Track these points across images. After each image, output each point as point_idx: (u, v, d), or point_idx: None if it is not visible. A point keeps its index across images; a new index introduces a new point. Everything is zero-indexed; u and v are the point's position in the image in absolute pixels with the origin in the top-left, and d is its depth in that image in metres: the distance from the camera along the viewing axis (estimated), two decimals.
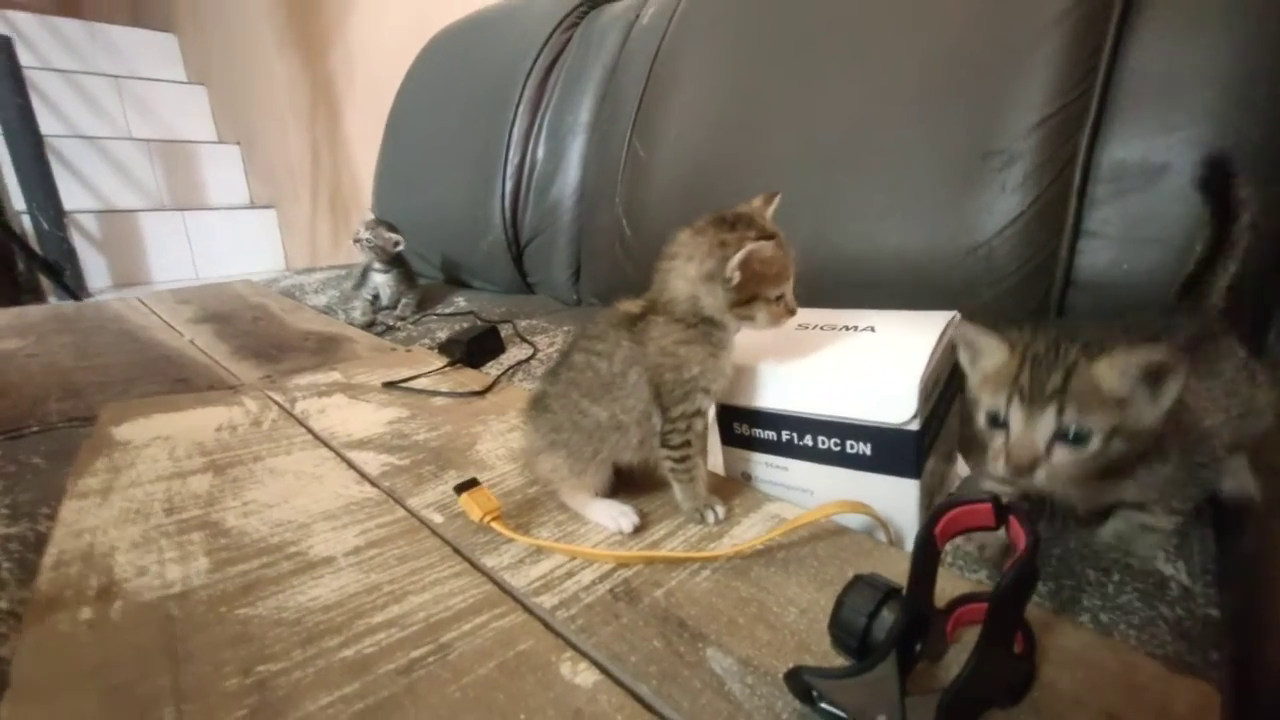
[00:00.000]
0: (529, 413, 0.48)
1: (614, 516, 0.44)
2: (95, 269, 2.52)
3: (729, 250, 0.41)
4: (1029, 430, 0.37)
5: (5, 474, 0.52)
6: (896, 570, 0.40)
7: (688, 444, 0.45)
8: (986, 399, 0.40)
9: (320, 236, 2.76)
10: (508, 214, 1.23)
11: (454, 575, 0.39)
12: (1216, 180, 0.48)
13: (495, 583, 0.39)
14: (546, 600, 0.37)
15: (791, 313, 0.45)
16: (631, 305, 0.47)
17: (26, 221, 2.25)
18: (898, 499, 0.44)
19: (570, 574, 0.39)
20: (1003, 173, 0.62)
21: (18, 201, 2.28)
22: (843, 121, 0.75)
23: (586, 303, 1.16)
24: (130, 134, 2.94)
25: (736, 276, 0.41)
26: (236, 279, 2.71)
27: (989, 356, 0.41)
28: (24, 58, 2.26)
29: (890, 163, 0.70)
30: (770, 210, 0.46)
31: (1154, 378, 0.35)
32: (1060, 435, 0.36)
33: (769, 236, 0.42)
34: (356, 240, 1.15)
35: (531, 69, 1.23)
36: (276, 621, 0.35)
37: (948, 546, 0.34)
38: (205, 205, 3.01)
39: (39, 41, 2.88)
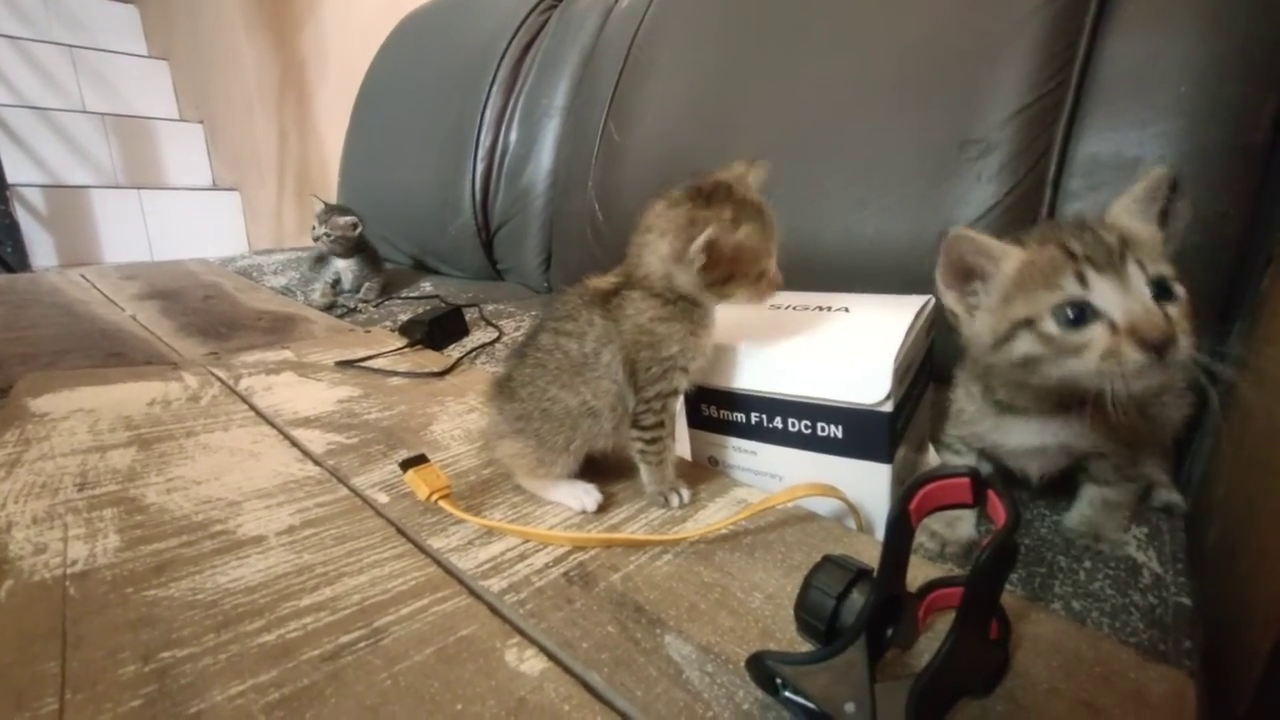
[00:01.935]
0: (492, 396, 0.45)
1: (577, 495, 0.42)
2: (41, 246, 2.39)
3: (695, 230, 0.38)
4: (1136, 295, 0.30)
5: None
6: (867, 556, 0.38)
7: (660, 425, 0.42)
8: (1030, 304, 0.33)
9: (286, 221, 2.67)
10: (478, 198, 1.19)
11: (395, 557, 0.36)
12: None
13: (440, 565, 0.36)
14: (495, 584, 0.34)
15: (777, 286, 0.42)
16: (603, 281, 0.44)
17: None
18: (869, 484, 0.43)
19: (522, 557, 0.37)
20: (979, 162, 0.62)
21: None
22: (820, 109, 0.74)
23: (558, 290, 1.13)
24: (84, 107, 2.80)
25: (701, 259, 0.38)
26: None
27: (1007, 259, 0.36)
28: None
29: (868, 151, 0.69)
30: (753, 178, 0.43)
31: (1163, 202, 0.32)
32: (1157, 292, 0.30)
33: (750, 207, 0.40)
34: (316, 239, 1.10)
35: (506, 50, 1.19)
36: (189, 604, 0.31)
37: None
38: (164, 185, 2.88)
39: None
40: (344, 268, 1.14)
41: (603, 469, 0.46)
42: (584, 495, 0.42)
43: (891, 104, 0.68)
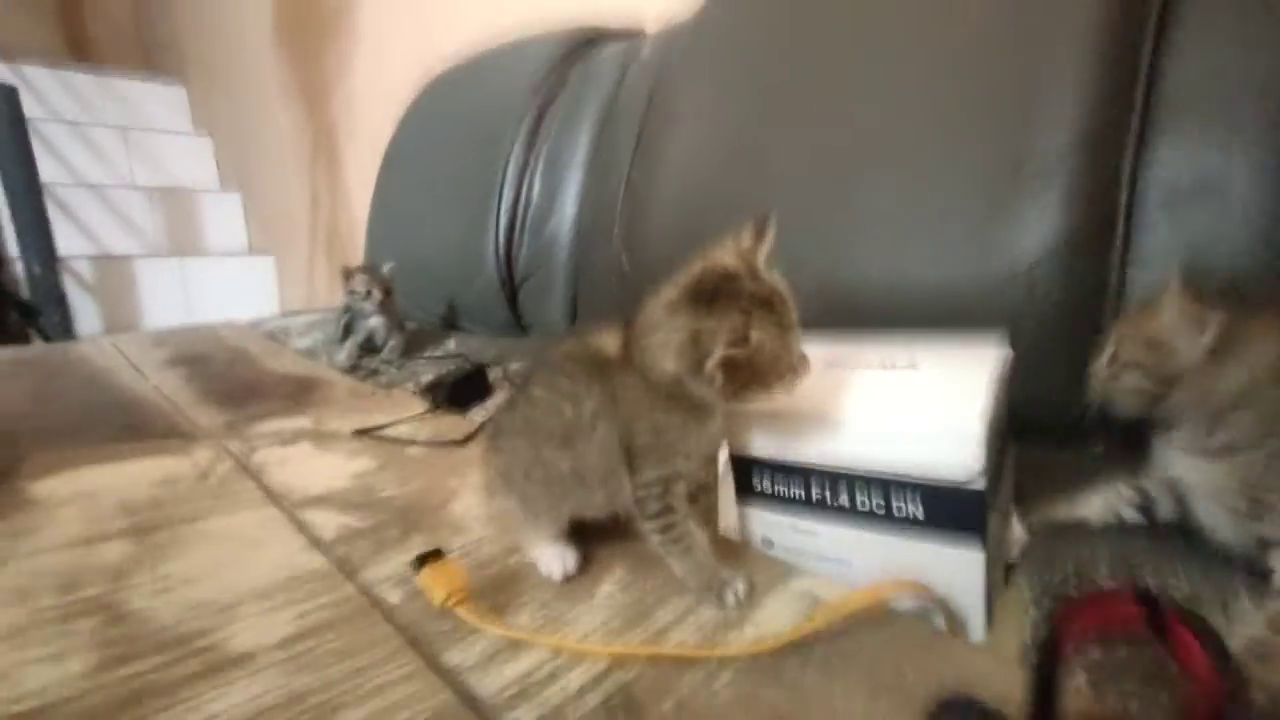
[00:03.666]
0: (488, 450, 0.41)
1: (547, 560, 0.38)
2: (86, 314, 2.47)
3: (705, 347, 0.33)
4: None
5: None
6: (967, 671, 0.31)
7: (669, 510, 0.37)
8: None
9: (317, 282, 2.73)
10: (501, 252, 1.17)
11: (404, 678, 0.31)
12: None
13: (456, 689, 0.30)
14: (524, 715, 0.28)
15: (803, 374, 0.36)
16: (606, 340, 0.39)
17: (20, 268, 2.22)
18: (957, 572, 0.36)
19: (554, 675, 0.31)
20: (1041, 193, 0.56)
21: (12, 248, 2.25)
22: (857, 141, 0.69)
23: (558, 338, 1.09)
24: (134, 182, 2.95)
25: (719, 379, 0.33)
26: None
27: None
28: (33, 109, 2.27)
29: (912, 183, 0.64)
30: (764, 246, 0.37)
31: None
32: None
33: (761, 302, 0.34)
34: (361, 300, 1.08)
35: (528, 106, 1.20)
36: None
37: None
38: (203, 251, 2.99)
39: (49, 92, 2.93)
40: (377, 325, 1.12)
41: (647, 558, 0.40)
42: (553, 561, 0.38)
43: (936, 132, 0.64)
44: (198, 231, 3.02)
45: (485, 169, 1.21)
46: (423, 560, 0.36)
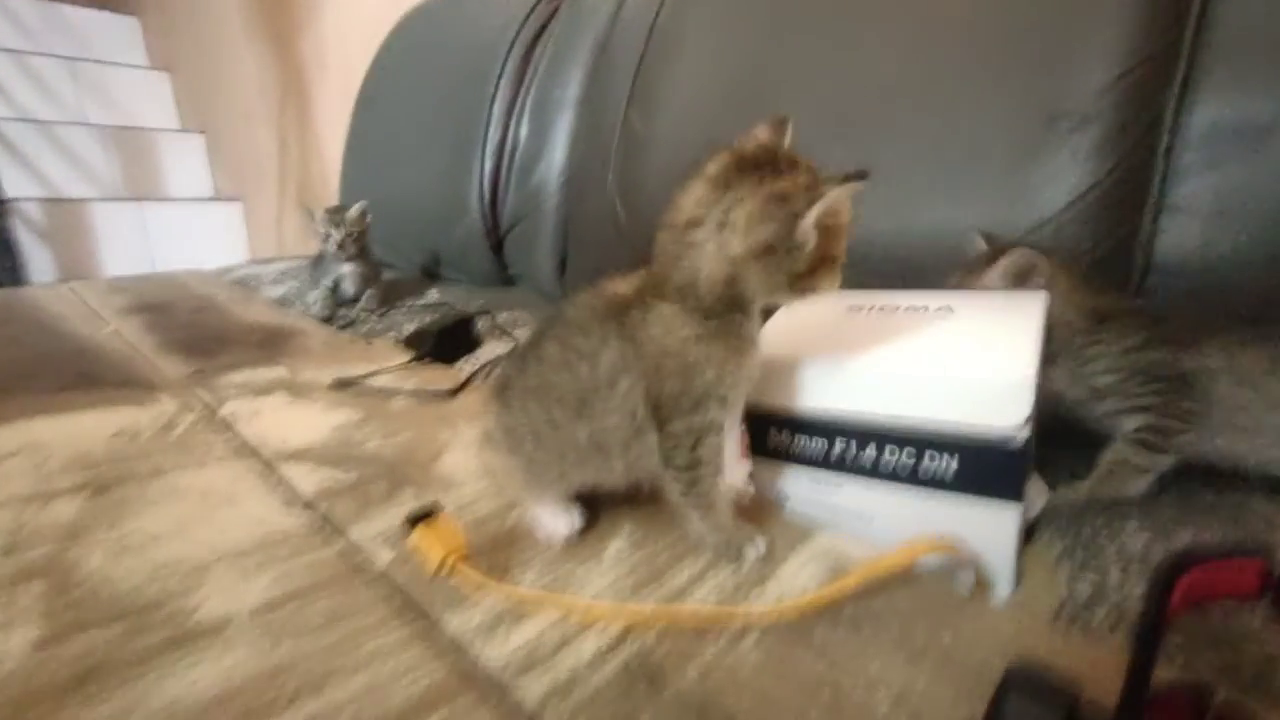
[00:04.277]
0: (491, 399, 0.37)
1: (545, 523, 0.35)
2: (40, 261, 2.33)
3: (795, 206, 0.30)
4: None
5: None
6: (1003, 632, 0.30)
7: (699, 462, 0.33)
8: None
9: (287, 230, 2.61)
10: (486, 198, 1.11)
11: (401, 644, 0.28)
12: None
13: (459, 655, 0.27)
14: (533, 685, 0.26)
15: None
16: (623, 286, 0.35)
17: None
18: (990, 531, 0.34)
19: (565, 640, 0.28)
20: (1073, 137, 0.53)
21: None
22: (877, 82, 0.65)
23: (571, 293, 1.05)
24: (84, 119, 2.75)
25: (813, 239, 0.30)
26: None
27: None
28: None
29: (934, 129, 0.60)
30: (786, 141, 0.34)
31: None
32: None
33: (812, 168, 0.31)
34: (333, 245, 1.02)
35: (515, 40, 1.11)
36: None
37: None
38: (165, 196, 2.83)
39: None
40: (348, 272, 1.06)
41: (658, 515, 0.37)
42: (555, 520, 0.35)
43: (962, 74, 0.60)
44: (157, 174, 2.85)
45: (469, 108, 1.13)
46: (416, 519, 0.33)
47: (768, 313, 0.36)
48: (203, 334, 0.84)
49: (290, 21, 2.25)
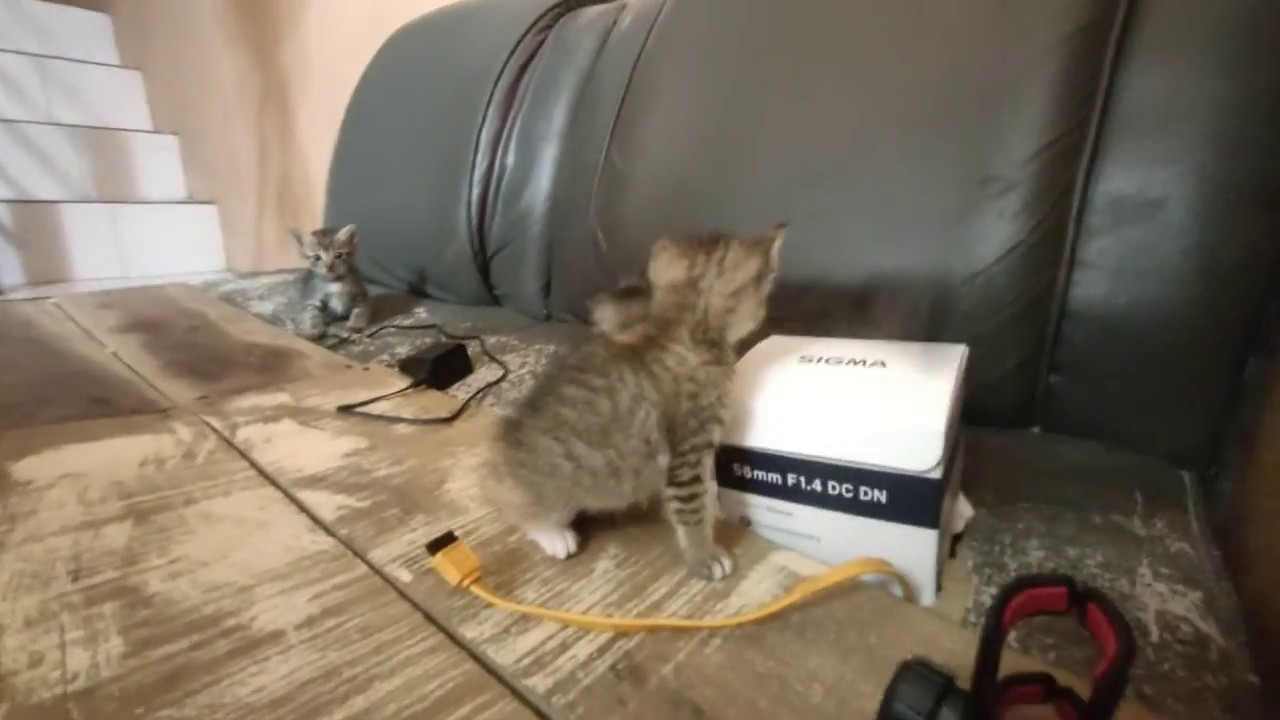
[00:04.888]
0: (499, 442, 0.43)
1: (553, 540, 0.43)
2: (8, 264, 2.30)
3: (764, 244, 0.43)
4: None
5: None
6: (920, 633, 0.37)
7: (697, 480, 0.41)
8: None
9: (266, 236, 2.60)
10: (474, 222, 1.16)
11: (428, 652, 0.34)
12: None
13: (478, 660, 0.33)
14: (539, 683, 0.32)
15: None
16: (626, 337, 0.43)
17: None
18: (914, 550, 0.41)
19: (564, 646, 0.34)
20: (1000, 200, 0.61)
21: None
22: (831, 141, 0.72)
23: (557, 317, 1.11)
24: (53, 119, 2.71)
25: (778, 266, 0.43)
26: (171, 279, 2.53)
27: None
28: None
29: (882, 186, 0.68)
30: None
31: None
32: None
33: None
34: (324, 267, 1.05)
35: (502, 71, 1.17)
36: None
37: None
38: (137, 199, 2.79)
39: None
40: (335, 291, 1.10)
41: (630, 536, 0.44)
42: (557, 541, 0.42)
43: (908, 137, 0.67)
44: (129, 176, 2.81)
45: (457, 134, 1.18)
46: (436, 545, 0.38)
47: (740, 345, 0.45)
48: (202, 355, 0.88)
49: (272, 29, 2.25)
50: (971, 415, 0.52)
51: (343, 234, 1.08)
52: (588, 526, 0.44)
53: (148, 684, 0.30)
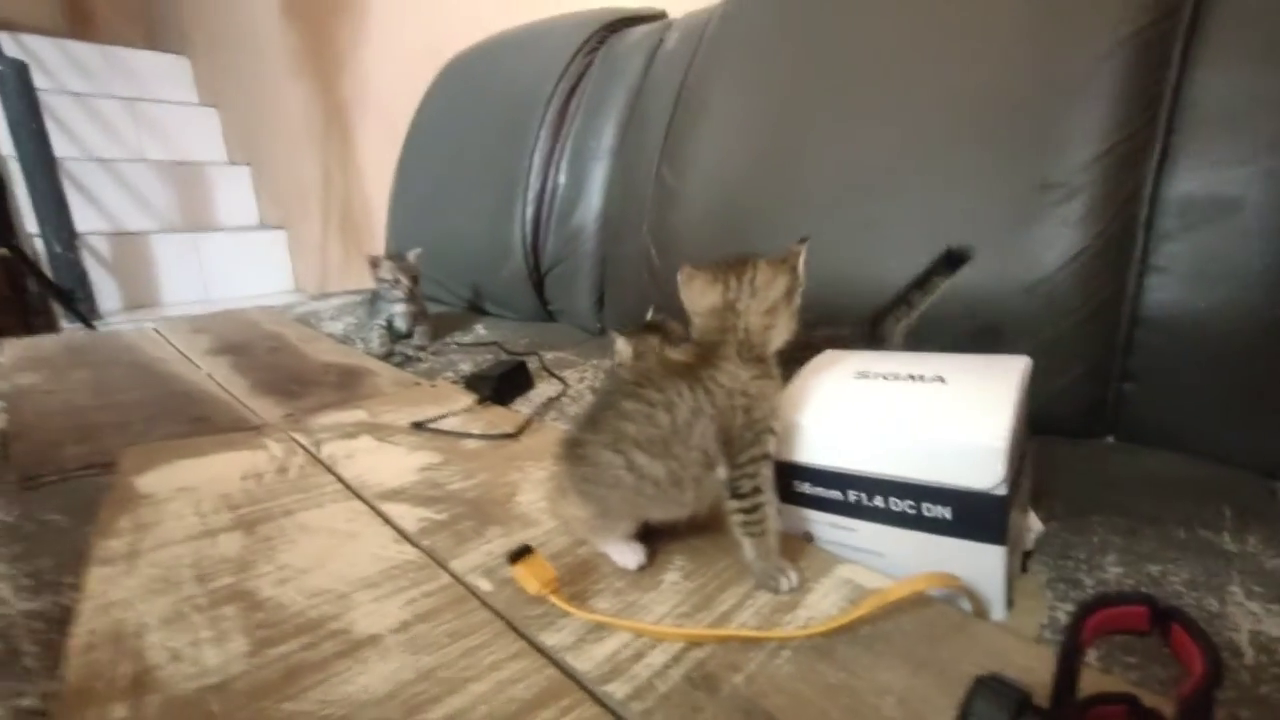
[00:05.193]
0: (562, 459, 0.46)
1: (624, 553, 0.44)
2: (106, 291, 2.51)
3: (790, 259, 0.45)
4: None
5: (24, 535, 0.49)
6: (991, 649, 0.37)
7: (758, 490, 0.43)
8: None
9: (331, 258, 2.75)
10: (528, 240, 1.21)
11: (512, 657, 0.36)
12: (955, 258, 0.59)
13: (558, 666, 0.35)
14: (617, 689, 0.34)
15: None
16: (677, 355, 0.45)
17: (39, 244, 2.25)
18: (981, 565, 0.41)
19: (639, 655, 0.36)
20: (1062, 206, 0.60)
21: (30, 224, 2.27)
22: (883, 150, 0.73)
23: (611, 331, 1.13)
24: (142, 155, 2.95)
25: (803, 277, 0.45)
26: (246, 299, 2.71)
27: None
28: (39, 81, 2.27)
29: (936, 195, 0.68)
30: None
31: None
32: None
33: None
34: (401, 292, 1.11)
35: (553, 93, 1.21)
36: (323, 719, 0.31)
37: None
38: (215, 226, 3.01)
39: (54, 65, 2.90)
40: (400, 311, 1.16)
41: (703, 550, 0.46)
42: (627, 554, 0.44)
43: (961, 145, 0.67)
44: (209, 205, 3.03)
45: (511, 156, 1.23)
46: (515, 556, 0.41)
47: (780, 358, 0.46)
48: (283, 375, 0.95)
49: (334, 59, 2.39)
50: (1038, 425, 0.51)
51: (412, 257, 1.14)
52: (653, 540, 0.46)
53: (270, 680, 0.34)
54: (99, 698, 0.32)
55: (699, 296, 0.45)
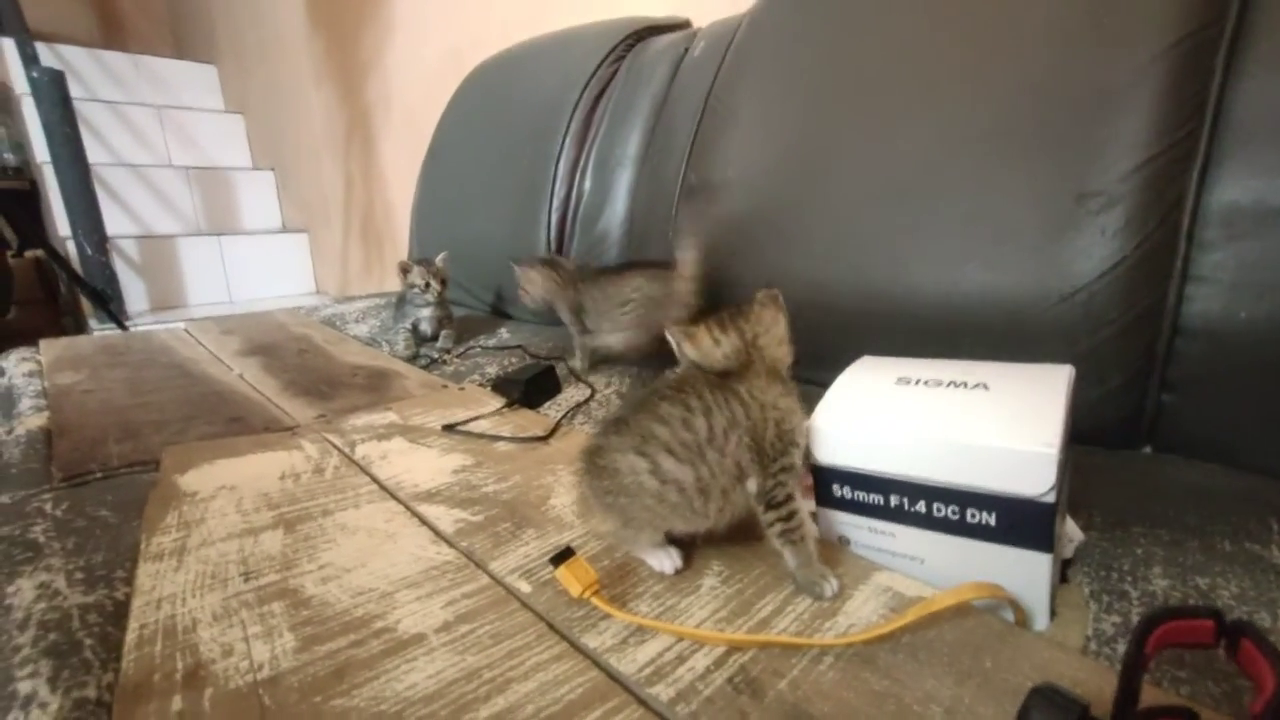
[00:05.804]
0: (583, 467, 0.46)
1: (659, 558, 0.45)
2: (134, 293, 2.57)
3: (776, 301, 0.48)
4: None
5: (75, 529, 0.50)
6: (1036, 660, 0.36)
7: (791, 498, 0.43)
8: None
9: (352, 262, 2.79)
10: (553, 246, 1.22)
11: (555, 659, 0.36)
12: None
13: (602, 669, 0.36)
14: (661, 692, 0.34)
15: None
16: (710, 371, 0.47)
17: (71, 247, 2.31)
18: (1025, 573, 0.41)
19: (681, 658, 0.36)
20: (1101, 216, 0.59)
21: (63, 228, 2.33)
22: (917, 156, 0.72)
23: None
24: (170, 161, 3.02)
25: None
26: (269, 301, 2.75)
27: None
28: (73, 89, 2.33)
29: (970, 202, 0.67)
30: None
31: None
32: None
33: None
34: (431, 295, 1.13)
35: (578, 101, 1.22)
36: (376, 715, 0.32)
37: None
38: (240, 230, 3.06)
39: (88, 74, 2.98)
40: (426, 315, 1.18)
41: (740, 555, 0.46)
42: (663, 559, 0.44)
43: (996, 154, 0.67)
44: (233, 209, 3.10)
45: (536, 163, 1.24)
46: (558, 559, 0.41)
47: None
48: (314, 376, 0.96)
49: (357, 66, 2.43)
50: (1074, 434, 0.51)
51: (440, 261, 1.15)
52: (689, 546, 0.46)
53: (321, 676, 0.34)
54: (156, 691, 0.33)
55: (712, 348, 0.46)
